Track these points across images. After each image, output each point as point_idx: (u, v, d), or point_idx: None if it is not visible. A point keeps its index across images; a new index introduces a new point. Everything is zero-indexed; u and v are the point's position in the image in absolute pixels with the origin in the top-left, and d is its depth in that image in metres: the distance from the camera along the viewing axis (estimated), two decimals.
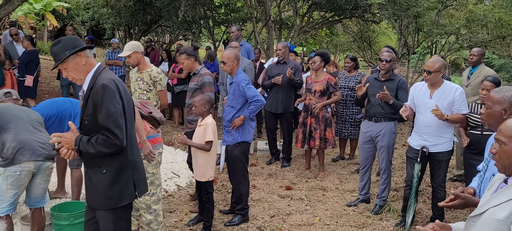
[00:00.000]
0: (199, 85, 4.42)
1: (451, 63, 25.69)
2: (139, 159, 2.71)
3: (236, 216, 4.37)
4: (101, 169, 2.50)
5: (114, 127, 2.38)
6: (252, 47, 7.96)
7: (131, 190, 2.58)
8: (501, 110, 2.34)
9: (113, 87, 2.42)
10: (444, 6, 11.22)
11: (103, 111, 2.39)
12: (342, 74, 6.63)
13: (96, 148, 2.39)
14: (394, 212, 4.65)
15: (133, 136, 2.65)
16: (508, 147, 1.78)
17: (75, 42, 2.51)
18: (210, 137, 3.92)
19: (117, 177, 2.51)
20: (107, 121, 2.38)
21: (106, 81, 2.42)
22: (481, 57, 5.84)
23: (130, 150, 2.56)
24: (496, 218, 1.71)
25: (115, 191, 2.52)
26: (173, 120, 8.95)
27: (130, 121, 2.58)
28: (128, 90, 2.62)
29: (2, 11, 8.05)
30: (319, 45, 19.84)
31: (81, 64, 2.50)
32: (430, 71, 3.92)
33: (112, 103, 2.40)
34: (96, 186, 2.53)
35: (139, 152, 2.75)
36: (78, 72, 2.52)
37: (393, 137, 4.65)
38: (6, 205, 3.34)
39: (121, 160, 2.52)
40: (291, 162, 6.47)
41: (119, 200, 2.53)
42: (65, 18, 18.51)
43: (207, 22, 12.61)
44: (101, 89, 2.39)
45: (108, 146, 2.39)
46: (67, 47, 2.47)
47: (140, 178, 2.66)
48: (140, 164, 2.71)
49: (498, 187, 1.87)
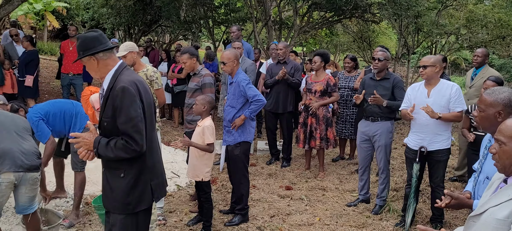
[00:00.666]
0: (199, 86, 4.41)
1: (451, 63, 25.69)
2: (159, 162, 2.64)
3: (236, 216, 4.37)
4: (119, 172, 2.43)
5: (134, 132, 2.32)
6: (252, 47, 7.96)
7: (148, 195, 2.51)
8: (494, 113, 2.30)
9: (133, 90, 2.34)
10: (444, 6, 11.22)
11: (122, 115, 2.32)
12: (342, 74, 6.63)
13: (115, 153, 2.33)
14: (394, 212, 4.65)
15: (154, 138, 2.57)
16: (508, 147, 1.78)
17: (89, 43, 2.43)
18: (209, 139, 3.92)
19: (136, 182, 2.45)
20: (127, 126, 2.31)
21: (127, 84, 2.34)
22: (486, 58, 5.78)
23: (149, 154, 2.49)
24: (496, 218, 1.71)
25: (133, 197, 2.45)
26: (173, 120, 8.95)
27: (151, 124, 2.50)
28: (149, 92, 2.55)
29: (2, 11, 8.05)
30: (319, 45, 19.83)
31: (95, 65, 2.45)
32: (425, 66, 3.92)
33: (133, 107, 2.32)
34: (114, 190, 2.46)
35: (159, 155, 2.68)
36: (93, 71, 2.50)
37: (390, 136, 4.65)
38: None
39: (140, 164, 2.45)
40: (291, 162, 6.47)
41: (136, 206, 2.47)
42: (64, 18, 18.52)
43: (207, 22, 12.61)
44: (121, 93, 2.32)
45: (128, 151, 2.33)
46: (81, 47, 2.44)
47: (159, 183, 2.59)
48: (160, 168, 2.64)
49: (497, 187, 1.88)
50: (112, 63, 2.48)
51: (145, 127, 2.40)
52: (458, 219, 4.62)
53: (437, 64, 3.94)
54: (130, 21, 13.10)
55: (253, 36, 11.77)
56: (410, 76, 13.38)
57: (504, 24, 10.97)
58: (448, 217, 4.60)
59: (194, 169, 4.04)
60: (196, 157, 4.01)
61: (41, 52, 15.92)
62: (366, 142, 4.74)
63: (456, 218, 4.66)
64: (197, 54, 4.53)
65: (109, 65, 2.47)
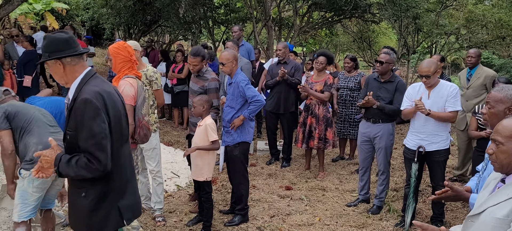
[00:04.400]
0: (204, 90, 4.32)
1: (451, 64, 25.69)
2: (129, 181, 2.40)
3: (236, 216, 4.37)
4: (80, 191, 2.22)
5: (97, 150, 2.09)
6: (252, 47, 7.97)
7: (115, 218, 2.28)
8: (504, 109, 2.36)
9: (97, 103, 2.11)
10: (443, 6, 11.22)
11: (84, 131, 2.10)
12: (342, 74, 6.63)
13: (76, 171, 2.12)
14: (394, 212, 4.65)
15: (124, 155, 2.35)
16: (506, 147, 1.78)
17: (58, 46, 2.22)
18: (213, 136, 3.93)
19: (98, 204, 2.22)
20: (89, 143, 2.09)
21: (90, 95, 2.12)
22: (479, 59, 5.86)
23: (116, 173, 2.26)
24: (495, 217, 1.72)
25: (96, 219, 2.23)
26: (173, 120, 8.95)
27: (119, 140, 2.28)
28: (119, 102, 2.33)
29: (2, 11, 8.05)
30: (319, 45, 19.83)
31: (60, 71, 2.25)
32: (429, 76, 3.93)
33: (96, 122, 2.10)
34: (76, 209, 2.27)
35: (131, 172, 2.44)
36: (58, 77, 2.30)
37: (391, 138, 4.65)
38: (30, 209, 3.26)
39: (104, 185, 2.22)
40: (291, 162, 6.47)
41: (99, 229, 2.25)
42: (64, 18, 18.50)
43: (207, 22, 12.61)
44: (82, 105, 2.11)
45: (90, 170, 2.11)
46: (48, 49, 2.24)
47: (129, 204, 2.34)
48: (131, 187, 2.40)
49: (495, 186, 1.88)
50: (80, 70, 2.26)
51: (112, 143, 2.18)
52: (458, 219, 4.63)
53: (438, 70, 3.97)
54: (130, 22, 13.11)
55: (253, 37, 11.77)
56: (410, 76, 13.37)
57: (504, 24, 10.97)
58: (448, 217, 4.60)
59: (198, 169, 4.04)
60: (199, 157, 4.02)
61: None
62: (367, 143, 4.74)
63: (456, 218, 4.66)
64: (206, 56, 4.51)
65: (77, 72, 2.26)
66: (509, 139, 1.77)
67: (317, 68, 5.73)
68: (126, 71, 3.47)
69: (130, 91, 3.31)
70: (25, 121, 3.26)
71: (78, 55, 2.26)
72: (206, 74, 4.37)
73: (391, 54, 4.63)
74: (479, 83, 5.66)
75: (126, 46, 3.51)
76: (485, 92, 5.63)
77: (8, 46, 8.33)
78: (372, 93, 4.47)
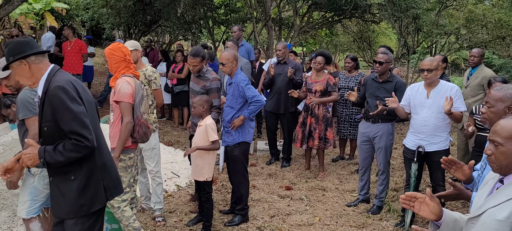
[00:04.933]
0: (205, 90, 4.31)
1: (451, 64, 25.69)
2: (110, 162, 2.58)
3: (236, 216, 4.37)
4: (69, 175, 2.36)
5: (81, 128, 2.24)
6: (252, 47, 7.97)
7: (101, 194, 2.46)
8: (504, 108, 2.34)
9: (69, 88, 2.28)
10: (443, 6, 11.22)
11: (66, 114, 2.24)
12: (342, 74, 6.63)
13: (66, 155, 2.24)
14: (394, 212, 4.65)
15: (100, 137, 2.50)
16: (505, 148, 1.76)
17: (20, 48, 2.34)
18: (213, 136, 3.93)
19: (87, 182, 2.39)
20: (73, 123, 2.23)
21: (62, 83, 2.28)
22: (482, 58, 5.81)
23: (98, 153, 2.43)
24: (496, 219, 1.70)
25: (86, 197, 2.39)
26: (173, 120, 8.95)
27: (94, 121, 2.44)
28: (88, 91, 2.51)
29: (2, 11, 8.04)
30: (319, 45, 19.83)
31: (26, 71, 2.36)
32: (431, 69, 3.92)
33: (73, 104, 2.25)
34: (65, 195, 2.39)
35: (109, 153, 2.62)
36: (26, 78, 2.40)
37: (391, 138, 4.65)
38: (38, 205, 3.32)
39: (90, 164, 2.39)
40: (291, 162, 6.47)
41: (90, 206, 2.41)
42: (64, 18, 18.51)
43: (207, 22, 12.61)
44: (58, 91, 2.25)
45: (79, 149, 2.25)
46: (11, 52, 2.34)
47: (111, 182, 2.54)
48: (111, 166, 2.59)
49: (493, 187, 1.86)
50: (45, 67, 2.39)
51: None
52: None
53: (439, 68, 3.97)
54: (130, 22, 13.10)
55: (253, 37, 11.77)
56: (410, 76, 13.37)
57: (504, 24, 10.97)
58: None
59: (198, 169, 4.04)
60: (199, 157, 4.02)
61: None
62: (367, 143, 4.74)
63: None
64: (206, 56, 4.50)
65: (42, 70, 2.38)
66: (509, 140, 1.75)
67: (315, 68, 5.73)
68: (122, 71, 3.48)
69: (127, 89, 3.31)
70: None
71: (41, 53, 2.39)
72: (207, 74, 4.35)
73: (389, 54, 4.65)
74: (477, 83, 5.65)
75: (121, 46, 3.53)
76: (482, 92, 5.62)
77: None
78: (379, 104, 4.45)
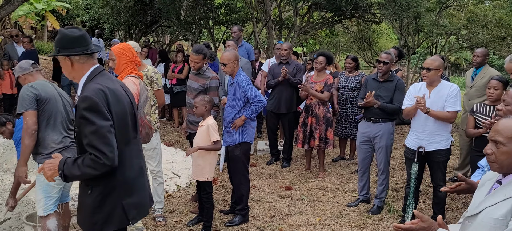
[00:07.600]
0: (204, 88, 4.36)
1: (452, 64, 25.69)
2: (136, 179, 2.36)
3: (236, 216, 4.37)
4: (87, 188, 2.23)
5: (101, 144, 2.07)
6: (252, 47, 7.96)
7: (119, 216, 2.26)
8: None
9: (97, 99, 2.10)
10: (444, 6, 11.23)
11: (86, 127, 2.08)
12: (343, 74, 6.63)
13: (82, 170, 2.09)
14: (394, 212, 4.65)
15: (131, 152, 2.33)
16: (507, 148, 1.75)
17: (68, 43, 2.23)
18: (215, 136, 3.93)
19: (102, 201, 2.21)
20: (93, 137, 2.07)
21: (91, 93, 2.12)
22: (485, 58, 5.74)
23: (121, 169, 2.23)
24: (493, 217, 1.71)
25: (100, 216, 2.22)
26: (173, 120, 8.95)
27: (124, 137, 2.26)
28: (126, 99, 2.32)
29: (2, 11, 8.05)
30: (319, 46, 19.84)
31: (69, 67, 2.27)
32: (429, 69, 3.92)
33: (97, 117, 2.09)
34: (82, 207, 2.29)
35: (137, 171, 2.39)
36: (67, 72, 2.32)
37: (391, 138, 4.65)
38: (53, 201, 3.32)
39: (108, 181, 2.21)
40: (291, 162, 6.47)
41: (102, 226, 2.24)
42: (64, 18, 18.52)
43: (207, 22, 12.61)
44: (82, 102, 2.11)
45: (97, 166, 2.07)
46: (59, 44, 2.25)
47: (135, 202, 2.32)
48: (137, 185, 2.37)
49: (491, 188, 1.86)
50: (87, 67, 2.27)
51: (116, 139, 2.15)
52: (458, 219, 4.60)
53: (440, 68, 3.96)
54: (130, 22, 13.11)
55: (253, 37, 11.77)
56: (410, 76, 13.38)
57: (504, 25, 10.99)
58: (448, 217, 4.59)
59: (199, 169, 4.04)
60: (200, 157, 4.01)
61: (41, 52, 15.92)
62: (366, 143, 4.74)
63: (456, 218, 4.65)
64: (208, 55, 4.53)
65: (84, 70, 2.27)
66: (511, 139, 1.75)
67: (316, 68, 5.74)
68: (128, 71, 3.48)
69: (132, 90, 3.32)
70: (52, 113, 3.27)
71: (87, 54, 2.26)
72: (207, 72, 4.42)
73: (392, 54, 4.67)
74: (483, 83, 5.55)
75: (130, 47, 3.53)
76: None
77: (8, 46, 8.33)
78: (373, 93, 4.46)
